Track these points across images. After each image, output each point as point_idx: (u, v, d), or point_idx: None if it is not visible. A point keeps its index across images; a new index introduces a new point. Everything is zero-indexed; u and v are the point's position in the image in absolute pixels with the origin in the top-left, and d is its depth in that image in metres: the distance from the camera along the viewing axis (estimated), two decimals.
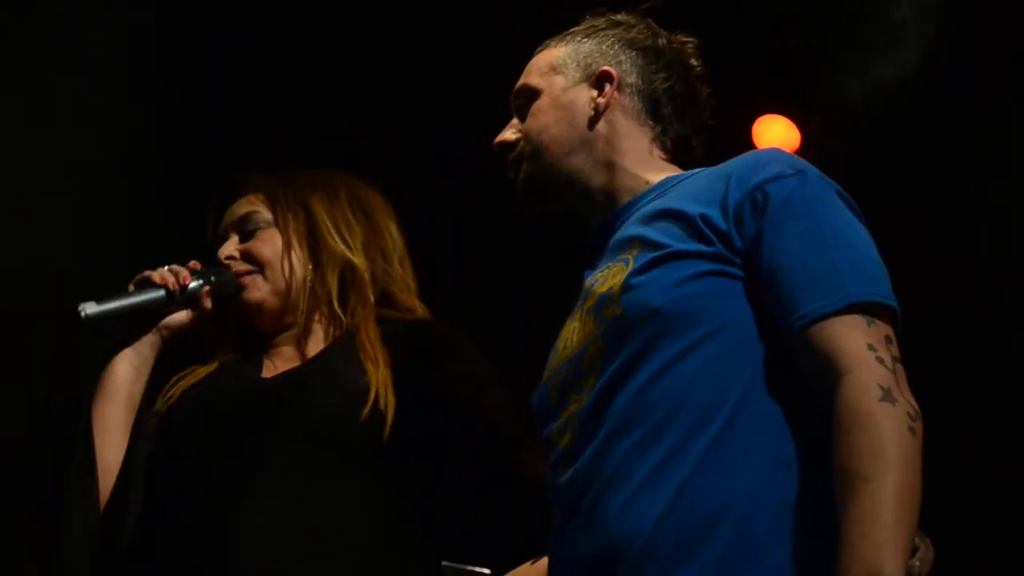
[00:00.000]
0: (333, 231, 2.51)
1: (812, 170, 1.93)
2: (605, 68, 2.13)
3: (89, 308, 2.32)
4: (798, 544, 1.76)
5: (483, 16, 3.90)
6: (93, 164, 3.65)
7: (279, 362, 2.46)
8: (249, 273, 2.47)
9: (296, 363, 2.44)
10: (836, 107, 4.03)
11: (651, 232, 1.96)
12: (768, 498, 1.79)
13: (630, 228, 2.02)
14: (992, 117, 3.97)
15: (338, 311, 2.46)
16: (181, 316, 2.41)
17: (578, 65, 2.15)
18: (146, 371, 2.40)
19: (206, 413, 2.37)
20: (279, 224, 2.52)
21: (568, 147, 2.11)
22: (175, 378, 2.48)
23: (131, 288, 2.39)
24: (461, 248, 4.10)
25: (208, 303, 2.42)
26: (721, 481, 1.80)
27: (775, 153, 1.99)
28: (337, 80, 4.05)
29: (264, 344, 2.50)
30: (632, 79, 2.14)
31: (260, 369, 2.45)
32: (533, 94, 2.17)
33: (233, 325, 2.50)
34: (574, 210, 2.16)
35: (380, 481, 2.31)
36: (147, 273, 2.39)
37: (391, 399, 2.30)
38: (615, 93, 2.12)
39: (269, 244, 2.50)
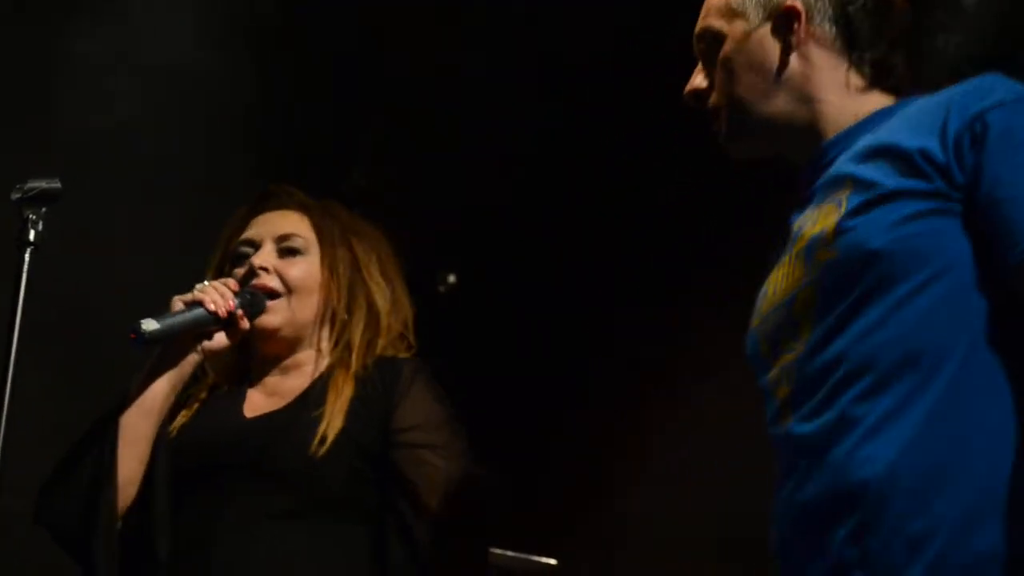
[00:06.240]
0: (373, 283, 2.62)
1: None
2: (789, 3, 2.01)
3: (149, 326, 2.36)
4: None
5: None
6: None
7: (263, 397, 2.57)
8: (274, 295, 2.55)
9: (279, 402, 2.54)
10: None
11: (865, 170, 1.86)
12: (1008, 451, 1.71)
13: (841, 166, 1.92)
14: None
15: (352, 357, 2.55)
16: (221, 338, 2.48)
17: (758, 4, 2.03)
18: (179, 389, 2.49)
19: (195, 451, 2.47)
20: (324, 257, 2.60)
21: (765, 92, 2.01)
22: (180, 403, 2.57)
23: (181, 306, 2.45)
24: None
25: (246, 324, 2.50)
26: (957, 431, 1.73)
27: (996, 80, 1.86)
28: None
29: (257, 369, 2.61)
30: (819, 4, 2.01)
31: (243, 404, 2.55)
32: (716, 38, 2.05)
33: (240, 343, 2.57)
34: (781, 151, 2.06)
35: (341, 519, 2.43)
36: (199, 296, 2.45)
37: (329, 439, 2.41)
38: (805, 24, 2.00)
39: (308, 273, 2.59)
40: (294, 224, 2.63)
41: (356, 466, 2.45)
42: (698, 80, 2.07)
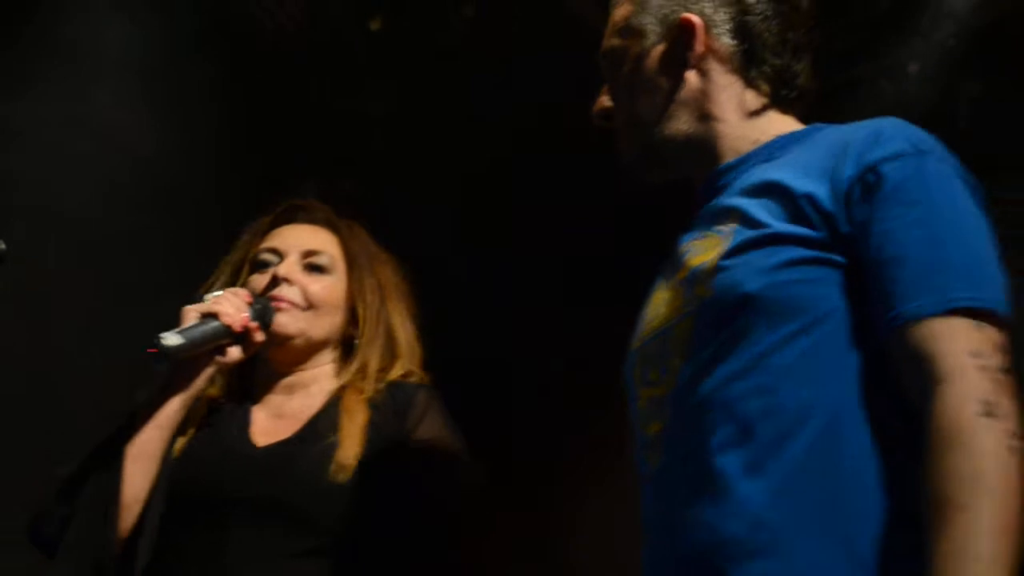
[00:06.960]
0: (397, 313, 2.56)
1: (936, 150, 1.76)
2: (684, 16, 1.95)
3: (172, 340, 2.26)
4: (905, 556, 1.62)
5: None
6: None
7: (271, 420, 2.48)
8: (295, 306, 2.48)
9: (288, 426, 2.44)
10: None
11: (752, 207, 1.80)
12: (878, 510, 1.66)
13: (731, 197, 1.86)
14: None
15: (366, 382, 2.48)
16: (236, 352, 2.39)
17: (655, 19, 1.97)
18: (192, 403, 2.38)
19: (202, 482, 2.37)
20: (352, 280, 2.55)
21: (664, 112, 1.94)
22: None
23: (195, 318, 2.35)
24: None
25: (260, 337, 2.41)
26: (818, 488, 1.67)
27: (897, 127, 1.79)
28: None
29: (261, 385, 2.53)
30: (718, 17, 1.95)
31: (250, 428, 2.45)
32: (616, 58, 1.99)
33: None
34: (685, 173, 1.99)
35: (350, 549, 2.32)
36: (215, 308, 2.35)
37: (348, 467, 2.33)
38: (703, 38, 1.94)
39: (330, 291, 2.53)
40: (322, 241, 2.57)
41: (373, 494, 2.36)
42: (604, 99, 2.02)
